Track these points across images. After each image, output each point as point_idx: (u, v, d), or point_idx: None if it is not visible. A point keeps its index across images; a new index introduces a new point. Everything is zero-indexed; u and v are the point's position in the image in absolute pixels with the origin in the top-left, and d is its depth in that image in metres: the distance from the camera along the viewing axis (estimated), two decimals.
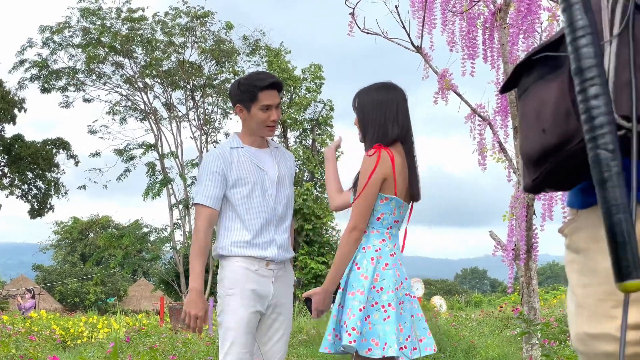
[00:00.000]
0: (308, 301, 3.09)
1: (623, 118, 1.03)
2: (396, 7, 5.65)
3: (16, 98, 29.32)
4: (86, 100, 29.98)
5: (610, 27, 1.08)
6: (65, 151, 31.24)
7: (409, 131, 3.11)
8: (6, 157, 30.20)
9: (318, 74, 29.71)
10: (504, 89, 1.44)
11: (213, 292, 25.60)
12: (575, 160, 1.11)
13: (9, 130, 30.71)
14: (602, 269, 1.13)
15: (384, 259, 3.00)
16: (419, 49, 5.75)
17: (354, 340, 2.86)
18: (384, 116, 3.05)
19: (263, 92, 3.32)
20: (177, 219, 29.87)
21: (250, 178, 3.34)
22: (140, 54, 29.13)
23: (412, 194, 3.10)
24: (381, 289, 2.96)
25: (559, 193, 5.07)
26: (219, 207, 3.33)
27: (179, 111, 30.39)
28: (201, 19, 28.96)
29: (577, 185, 1.19)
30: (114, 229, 38.93)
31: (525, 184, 1.23)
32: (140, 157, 29.65)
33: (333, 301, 3.05)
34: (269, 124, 3.36)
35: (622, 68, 1.05)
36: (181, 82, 29.49)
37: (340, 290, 3.02)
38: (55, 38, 28.47)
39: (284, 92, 28.36)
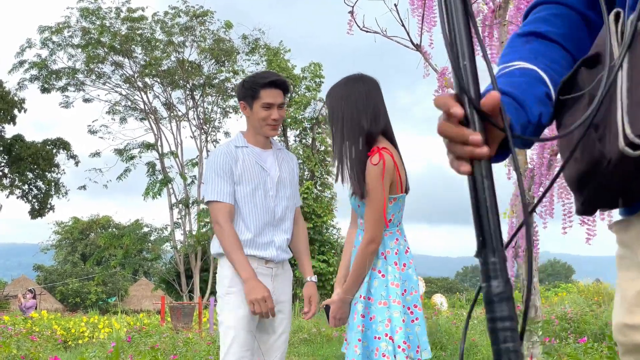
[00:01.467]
0: (328, 309, 3.02)
1: (638, 137, 1.06)
2: (395, 5, 5.64)
3: (16, 98, 29.34)
4: (86, 100, 30.03)
5: (619, 50, 1.11)
6: (65, 151, 31.28)
7: (387, 121, 3.01)
8: (6, 157, 30.23)
9: (318, 73, 29.73)
10: None
11: (213, 292, 25.61)
12: (612, 181, 1.14)
13: (9, 131, 30.76)
14: None
15: (402, 259, 2.94)
16: (418, 47, 5.75)
17: (410, 355, 2.79)
18: (355, 109, 2.95)
19: (265, 89, 3.34)
20: (177, 219, 29.92)
21: (253, 178, 3.36)
22: (140, 54, 29.15)
23: (406, 186, 3.04)
24: (405, 291, 2.90)
25: (558, 189, 5.08)
26: (233, 201, 3.33)
27: (179, 110, 30.43)
28: (200, 18, 28.97)
29: (633, 202, 1.21)
30: (114, 229, 38.96)
31: (577, 208, 1.26)
32: (140, 157, 29.69)
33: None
34: (270, 122, 3.37)
35: (636, 88, 1.07)
36: (181, 81, 29.50)
37: (361, 299, 2.90)
38: (55, 38, 28.49)
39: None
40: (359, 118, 2.95)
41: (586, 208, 1.24)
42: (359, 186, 2.91)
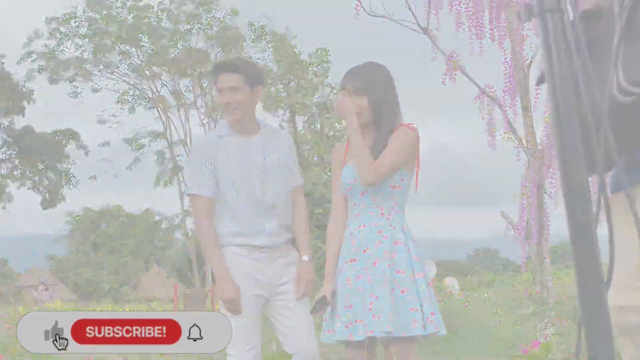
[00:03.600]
0: (322, 300, 2.97)
1: (631, 84, 1.05)
2: None
3: (24, 90, 29.39)
4: (94, 90, 30.05)
5: (620, 4, 1.10)
6: (74, 142, 31.34)
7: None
8: (17, 149, 30.33)
9: (325, 58, 29.61)
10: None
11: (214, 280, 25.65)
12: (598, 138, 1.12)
13: (19, 122, 30.78)
14: (631, 243, 1.16)
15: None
16: (425, 31, 5.73)
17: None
18: (395, 97, 2.99)
19: (218, 75, 3.33)
20: (188, 207, 29.97)
21: (235, 167, 3.30)
22: (147, 43, 29.13)
23: None
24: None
25: None
26: (212, 193, 3.29)
27: (187, 99, 30.42)
28: (206, 5, 28.90)
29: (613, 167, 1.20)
30: (125, 218, 39.09)
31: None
32: (149, 146, 29.75)
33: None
34: (223, 106, 3.33)
35: (633, 41, 1.07)
36: (188, 69, 29.48)
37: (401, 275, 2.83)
38: (62, 29, 28.49)
39: (291, 77, 28.27)
40: (398, 106, 3.00)
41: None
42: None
